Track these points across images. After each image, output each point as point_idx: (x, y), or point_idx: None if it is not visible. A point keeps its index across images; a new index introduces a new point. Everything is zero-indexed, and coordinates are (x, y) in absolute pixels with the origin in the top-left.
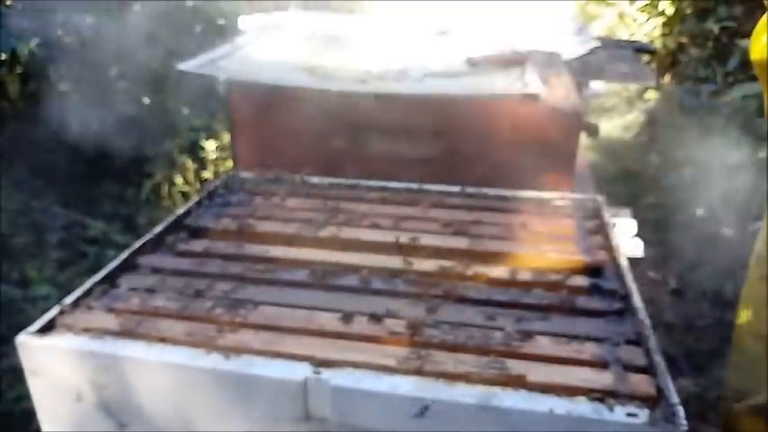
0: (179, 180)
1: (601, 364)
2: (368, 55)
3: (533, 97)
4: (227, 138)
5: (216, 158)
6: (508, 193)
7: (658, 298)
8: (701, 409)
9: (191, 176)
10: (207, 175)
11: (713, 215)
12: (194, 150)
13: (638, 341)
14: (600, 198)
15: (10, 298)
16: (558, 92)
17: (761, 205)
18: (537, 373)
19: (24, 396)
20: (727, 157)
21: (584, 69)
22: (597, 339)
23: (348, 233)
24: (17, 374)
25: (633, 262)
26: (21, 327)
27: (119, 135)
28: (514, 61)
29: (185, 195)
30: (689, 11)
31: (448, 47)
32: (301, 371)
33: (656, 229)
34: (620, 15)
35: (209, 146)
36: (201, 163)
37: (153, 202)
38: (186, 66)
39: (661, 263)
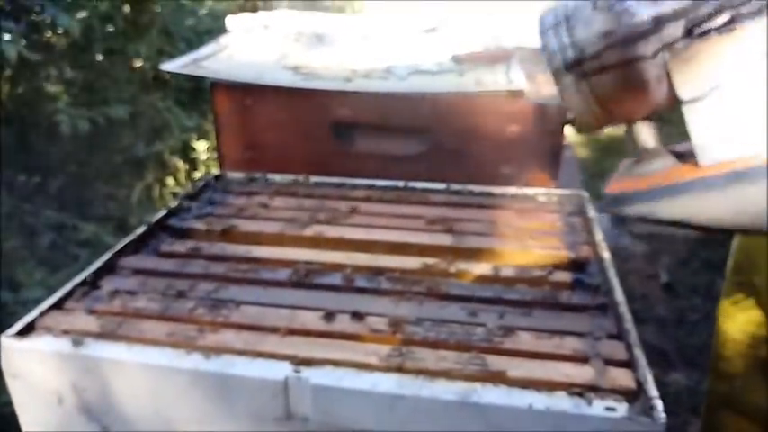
0: (170, 181)
1: (581, 359)
2: (354, 53)
3: (518, 93)
4: None
5: (207, 159)
6: (493, 189)
7: (650, 293)
8: (692, 403)
9: (182, 178)
10: (198, 176)
11: None
12: (185, 151)
13: (619, 335)
14: (584, 193)
15: (1, 301)
16: (543, 88)
17: None
18: (517, 368)
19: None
20: None
21: None
22: (579, 334)
23: (332, 232)
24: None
25: (625, 258)
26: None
27: (109, 137)
28: (500, 58)
29: (177, 197)
30: None
31: (434, 44)
32: (282, 370)
33: (648, 224)
34: None
35: (201, 147)
36: (193, 164)
37: (145, 203)
38: (169, 66)
39: (653, 258)
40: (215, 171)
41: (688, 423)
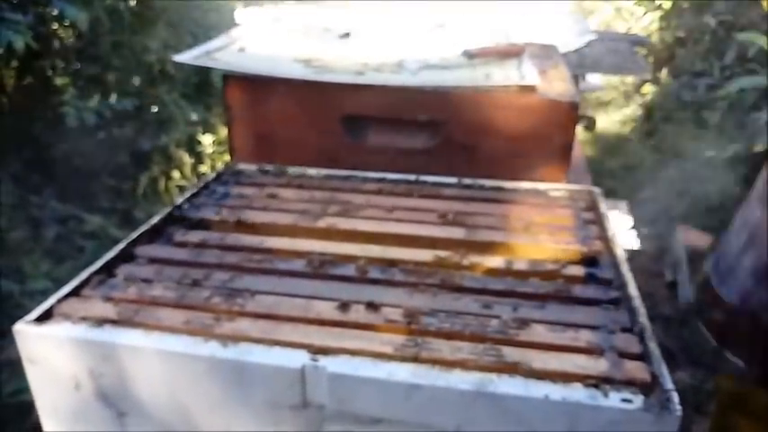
0: (176, 174)
1: (596, 352)
2: (365, 47)
3: (530, 89)
4: (224, 132)
5: (213, 153)
6: (504, 184)
7: (655, 291)
8: (697, 401)
9: (188, 171)
10: (204, 169)
11: (710, 208)
12: (191, 145)
13: (633, 329)
14: (596, 189)
15: (7, 292)
16: (554, 84)
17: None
18: (533, 359)
19: (23, 389)
20: (723, 151)
21: (580, 62)
22: (593, 327)
23: (345, 224)
24: (15, 368)
25: (631, 255)
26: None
27: (116, 129)
28: (511, 53)
29: (182, 190)
30: (686, 5)
31: (445, 39)
32: (299, 358)
33: (653, 223)
34: (617, 9)
35: (206, 140)
36: (198, 157)
37: (150, 196)
38: (181, 57)
39: (658, 256)
40: (220, 164)
41: (693, 422)
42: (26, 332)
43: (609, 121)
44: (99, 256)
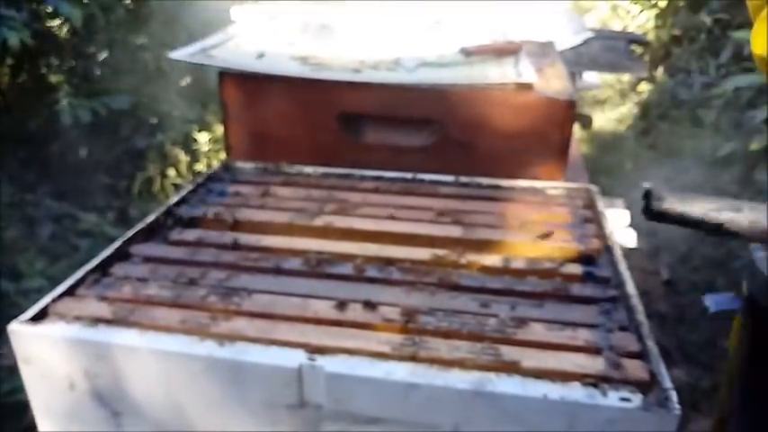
0: (171, 173)
1: (594, 350)
2: (361, 45)
3: (527, 86)
4: (219, 130)
5: (209, 151)
6: (502, 182)
7: (651, 289)
8: (693, 399)
9: (183, 169)
10: (199, 167)
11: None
12: (187, 143)
13: (631, 327)
14: (593, 187)
15: (3, 291)
16: (551, 81)
17: (752, 197)
18: (531, 358)
19: (19, 388)
20: (719, 149)
21: (577, 60)
22: (591, 326)
23: (342, 222)
24: (11, 367)
25: (626, 253)
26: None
27: (111, 127)
28: (508, 51)
29: (178, 188)
30: (682, 3)
31: (441, 37)
32: (296, 358)
33: (649, 221)
34: (614, 8)
35: (202, 138)
36: (194, 155)
37: (145, 194)
38: (177, 54)
39: (654, 254)
40: (216, 162)
41: (689, 420)
42: (20, 332)
43: (605, 120)
44: (94, 255)
